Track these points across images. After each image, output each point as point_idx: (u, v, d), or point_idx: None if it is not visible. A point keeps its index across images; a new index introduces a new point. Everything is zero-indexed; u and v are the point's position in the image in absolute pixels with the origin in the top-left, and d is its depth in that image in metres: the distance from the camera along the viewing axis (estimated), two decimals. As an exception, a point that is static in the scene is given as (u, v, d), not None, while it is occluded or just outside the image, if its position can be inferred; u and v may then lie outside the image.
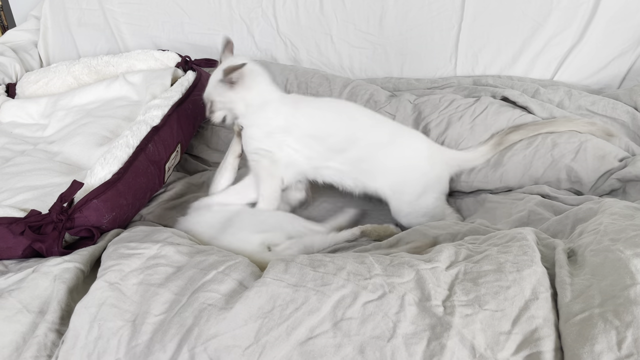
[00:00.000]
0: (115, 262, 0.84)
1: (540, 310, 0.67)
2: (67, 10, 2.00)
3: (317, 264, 0.77)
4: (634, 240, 0.73)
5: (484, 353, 0.64)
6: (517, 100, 1.45)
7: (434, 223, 1.06)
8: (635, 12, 1.58)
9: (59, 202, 0.99)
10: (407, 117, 1.46)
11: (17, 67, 1.86)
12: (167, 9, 1.95)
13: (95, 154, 1.29)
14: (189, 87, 1.51)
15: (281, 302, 0.72)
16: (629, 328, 0.61)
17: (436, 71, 1.81)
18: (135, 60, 1.75)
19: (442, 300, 0.70)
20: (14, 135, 1.54)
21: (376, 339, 0.67)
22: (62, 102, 1.64)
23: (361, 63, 1.87)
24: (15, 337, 0.79)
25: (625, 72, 1.66)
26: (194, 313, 0.73)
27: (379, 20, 1.80)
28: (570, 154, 1.28)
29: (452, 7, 1.72)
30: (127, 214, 1.13)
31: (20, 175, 1.23)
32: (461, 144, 1.37)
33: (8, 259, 0.97)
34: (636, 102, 1.43)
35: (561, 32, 1.66)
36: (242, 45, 1.96)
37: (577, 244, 0.80)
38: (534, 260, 0.74)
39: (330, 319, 0.69)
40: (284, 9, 1.86)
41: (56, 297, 0.83)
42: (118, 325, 0.74)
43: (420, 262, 0.76)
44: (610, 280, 0.68)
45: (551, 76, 1.72)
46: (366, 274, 0.74)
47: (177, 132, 1.37)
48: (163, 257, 0.85)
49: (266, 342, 0.68)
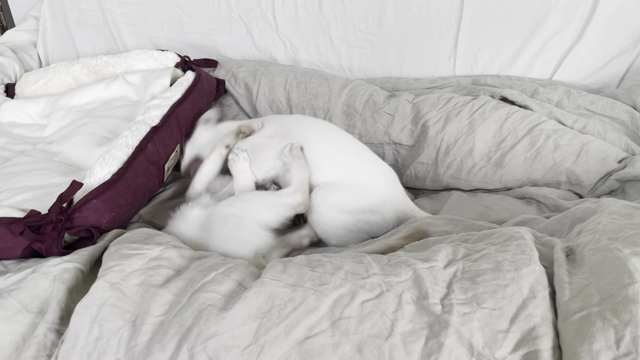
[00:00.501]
0: (116, 262, 0.84)
1: (538, 309, 0.68)
2: (66, 11, 2.00)
3: (314, 263, 0.78)
4: (632, 239, 0.73)
5: (482, 351, 0.64)
6: (515, 100, 1.45)
7: (428, 220, 1.07)
8: (634, 12, 1.58)
9: (58, 202, 0.99)
10: (406, 116, 1.47)
11: (16, 67, 1.86)
12: (166, 9, 1.95)
13: (94, 154, 1.29)
14: (189, 87, 1.51)
15: (279, 302, 0.72)
16: (628, 327, 0.61)
17: (435, 71, 1.81)
18: (134, 61, 1.75)
19: (440, 298, 0.70)
20: (13, 135, 1.54)
21: (374, 338, 0.67)
22: (61, 102, 1.64)
23: (360, 63, 1.87)
24: (15, 337, 0.79)
25: (624, 72, 1.66)
26: (193, 313, 0.73)
27: (378, 20, 1.80)
28: (572, 157, 1.28)
29: (451, 7, 1.72)
30: (126, 214, 1.13)
31: (19, 175, 1.23)
32: (459, 140, 1.37)
33: (7, 259, 0.97)
34: (635, 101, 1.43)
35: (560, 32, 1.66)
36: (241, 46, 1.96)
37: (576, 243, 0.81)
38: (532, 259, 0.74)
39: (328, 318, 0.69)
40: (283, 9, 1.86)
41: (56, 297, 0.83)
42: (118, 325, 0.74)
43: (418, 262, 0.76)
44: (608, 278, 0.68)
45: (550, 76, 1.72)
46: (364, 273, 0.75)
47: (176, 132, 1.37)
48: (165, 259, 0.85)
49: (265, 341, 0.68)
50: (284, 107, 1.63)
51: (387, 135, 1.47)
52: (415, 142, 1.45)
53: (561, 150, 1.29)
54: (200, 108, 1.56)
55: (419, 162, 1.42)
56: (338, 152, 1.22)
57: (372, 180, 1.18)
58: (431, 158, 1.41)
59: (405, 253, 0.82)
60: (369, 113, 1.51)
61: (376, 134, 1.47)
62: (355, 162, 1.21)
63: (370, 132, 1.48)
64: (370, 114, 1.51)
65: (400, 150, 1.46)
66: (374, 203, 1.14)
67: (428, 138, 1.41)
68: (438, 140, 1.39)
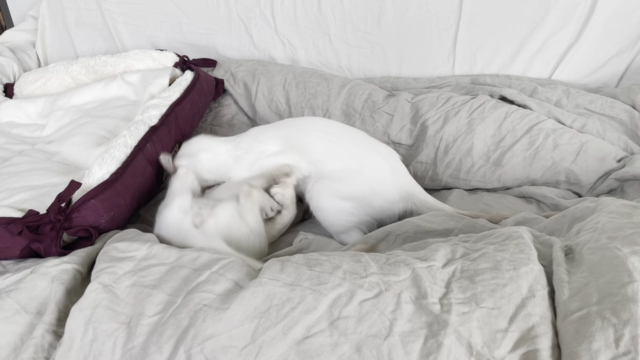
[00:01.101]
0: (108, 264, 0.83)
1: (537, 308, 0.67)
2: (64, 10, 2.00)
3: (313, 263, 0.77)
4: (631, 238, 0.73)
5: (481, 351, 0.64)
6: (514, 100, 1.45)
7: (429, 217, 1.06)
8: (633, 11, 1.58)
9: (56, 202, 0.99)
10: (405, 116, 1.47)
11: (15, 67, 1.86)
12: (165, 8, 1.95)
13: (93, 154, 1.29)
14: (187, 86, 1.51)
15: (277, 301, 0.72)
16: (627, 326, 0.61)
17: (434, 70, 1.81)
18: (133, 60, 1.75)
19: (438, 298, 0.70)
20: (12, 135, 1.54)
21: (373, 338, 0.67)
22: (60, 102, 1.64)
23: (359, 62, 1.87)
24: (13, 338, 0.78)
25: (623, 71, 1.66)
26: (189, 314, 0.72)
27: (377, 20, 1.80)
28: (571, 156, 1.28)
29: (450, 7, 1.72)
30: (125, 214, 1.13)
31: (18, 175, 1.23)
32: (458, 139, 1.37)
33: (6, 259, 0.97)
34: (634, 100, 1.43)
35: (559, 31, 1.66)
36: (240, 45, 1.96)
37: (575, 242, 0.80)
38: (530, 258, 0.74)
39: (327, 318, 0.69)
40: (282, 8, 1.86)
41: (54, 298, 0.83)
42: (113, 328, 0.74)
43: (416, 261, 0.76)
44: (607, 278, 0.68)
45: (549, 75, 1.72)
46: (362, 272, 0.74)
47: (175, 132, 1.37)
48: (154, 257, 0.84)
49: (263, 342, 0.68)
50: (283, 106, 1.63)
51: (386, 135, 1.47)
52: (414, 141, 1.45)
53: (560, 150, 1.29)
54: (199, 108, 1.56)
55: (418, 161, 1.42)
56: (335, 145, 1.23)
57: (372, 165, 1.21)
58: (430, 157, 1.41)
59: (403, 252, 0.82)
60: (368, 112, 1.51)
61: (375, 133, 1.47)
62: (353, 150, 1.22)
63: (369, 132, 1.47)
64: (369, 114, 1.51)
65: (399, 149, 1.46)
66: (375, 187, 1.17)
67: (427, 137, 1.41)
68: (437, 139, 1.39)
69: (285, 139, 1.25)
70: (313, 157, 1.21)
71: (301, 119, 1.51)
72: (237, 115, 1.73)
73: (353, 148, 1.23)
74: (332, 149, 1.22)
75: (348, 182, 1.16)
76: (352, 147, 1.23)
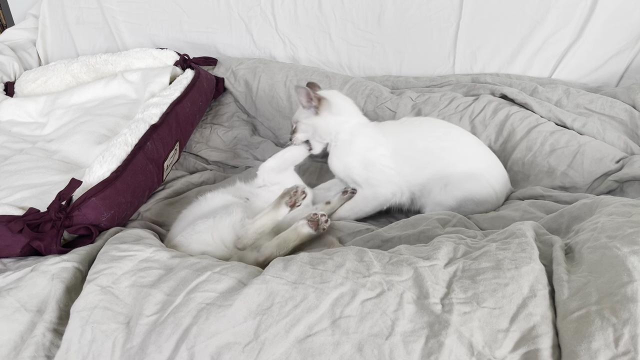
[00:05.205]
0: (106, 265, 0.83)
1: (538, 308, 0.67)
2: (65, 9, 2.00)
3: (316, 261, 0.77)
4: (631, 238, 0.73)
5: (482, 351, 0.64)
6: (515, 98, 1.45)
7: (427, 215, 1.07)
8: (633, 10, 1.58)
9: (57, 200, 0.99)
10: (407, 114, 1.48)
11: (16, 65, 1.86)
12: (166, 7, 1.95)
13: (93, 152, 1.30)
14: (188, 85, 1.51)
15: (280, 299, 0.72)
16: (626, 325, 0.61)
17: (435, 69, 1.81)
18: (133, 59, 1.75)
19: (440, 298, 0.70)
20: (13, 133, 1.54)
21: (374, 337, 0.67)
22: (61, 100, 1.64)
23: (360, 61, 1.87)
24: (14, 336, 0.78)
25: (623, 70, 1.66)
26: (191, 312, 0.72)
27: (377, 19, 1.80)
28: (567, 159, 1.28)
29: (450, 6, 1.72)
30: (125, 212, 1.13)
31: (18, 173, 1.23)
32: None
33: (7, 257, 0.97)
34: (634, 100, 1.43)
35: (559, 30, 1.66)
36: (240, 44, 1.96)
37: (575, 241, 0.80)
38: (532, 258, 0.74)
39: (329, 316, 0.69)
40: (282, 7, 1.86)
41: (54, 296, 0.83)
42: (112, 328, 0.74)
43: (419, 260, 0.76)
44: (607, 277, 0.68)
45: (549, 74, 1.72)
46: (365, 271, 0.74)
47: (175, 130, 1.37)
48: (156, 262, 0.84)
49: (265, 338, 0.68)
50: (284, 103, 1.63)
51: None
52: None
53: (556, 154, 1.30)
54: (200, 106, 1.56)
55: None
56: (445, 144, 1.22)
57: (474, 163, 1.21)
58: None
59: (406, 249, 0.82)
60: (371, 107, 1.52)
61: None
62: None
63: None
64: (372, 109, 1.52)
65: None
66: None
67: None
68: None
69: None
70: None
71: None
72: (237, 113, 1.73)
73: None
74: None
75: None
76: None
